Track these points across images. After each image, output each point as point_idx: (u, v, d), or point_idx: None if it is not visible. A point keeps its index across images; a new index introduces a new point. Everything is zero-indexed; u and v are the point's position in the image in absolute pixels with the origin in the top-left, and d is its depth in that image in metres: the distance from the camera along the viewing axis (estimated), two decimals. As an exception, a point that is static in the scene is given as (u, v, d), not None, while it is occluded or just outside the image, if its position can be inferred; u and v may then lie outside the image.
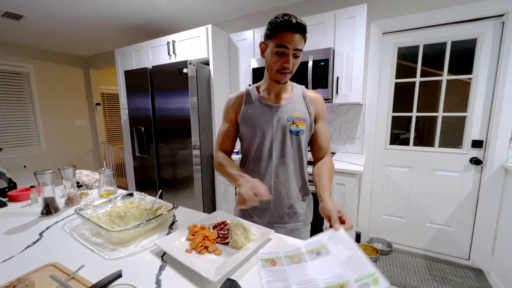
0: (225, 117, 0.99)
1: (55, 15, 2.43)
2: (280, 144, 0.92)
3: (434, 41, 1.87)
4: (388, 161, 2.15)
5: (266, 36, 0.84)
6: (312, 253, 0.63)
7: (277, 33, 0.79)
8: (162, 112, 2.23)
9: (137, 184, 2.63)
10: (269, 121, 0.91)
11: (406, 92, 2.03)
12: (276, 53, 0.81)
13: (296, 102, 0.94)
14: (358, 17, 1.74)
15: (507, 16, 1.61)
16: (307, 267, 0.59)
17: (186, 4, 2.29)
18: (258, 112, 0.93)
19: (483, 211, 1.82)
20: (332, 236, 0.65)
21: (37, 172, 0.93)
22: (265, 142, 0.92)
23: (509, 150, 1.68)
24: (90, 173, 1.37)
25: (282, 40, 0.79)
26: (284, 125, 0.91)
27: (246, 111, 0.94)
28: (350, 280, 0.50)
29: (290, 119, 0.91)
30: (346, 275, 0.52)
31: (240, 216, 0.99)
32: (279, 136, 0.91)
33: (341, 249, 0.59)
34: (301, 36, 0.80)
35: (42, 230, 0.85)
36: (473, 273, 1.81)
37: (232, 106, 0.97)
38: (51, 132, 3.82)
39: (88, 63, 4.17)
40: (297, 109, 0.93)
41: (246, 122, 0.94)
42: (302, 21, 0.79)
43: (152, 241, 0.77)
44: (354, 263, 0.54)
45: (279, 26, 0.78)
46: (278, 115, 0.91)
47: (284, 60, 0.82)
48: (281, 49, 0.80)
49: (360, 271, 0.51)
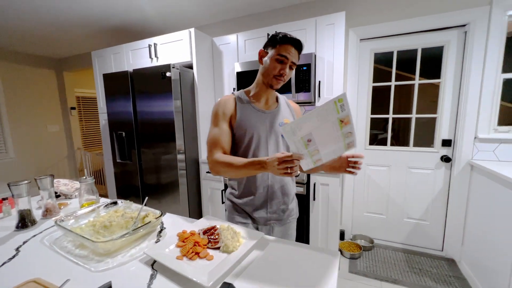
0: (219, 119, 0.96)
1: (25, 13, 2.28)
2: (274, 147, 0.98)
3: (407, 47, 2.01)
4: (368, 161, 2.26)
5: (268, 45, 0.93)
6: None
7: (281, 43, 0.89)
8: (145, 116, 2.17)
9: (119, 191, 2.52)
10: (263, 125, 0.96)
11: (383, 95, 2.15)
12: (276, 60, 0.90)
13: (283, 109, 1.03)
14: (337, 24, 1.83)
15: (469, 26, 1.77)
16: None
17: (168, 6, 2.26)
18: (253, 117, 0.96)
19: (453, 204, 1.97)
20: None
21: (11, 183, 0.88)
22: (261, 146, 0.96)
23: (474, 148, 1.84)
24: (68, 182, 1.30)
25: (285, 50, 0.88)
26: (276, 129, 0.98)
27: (242, 115, 0.95)
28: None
29: (281, 124, 0.99)
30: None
31: (236, 217, 1.00)
32: (273, 140, 0.98)
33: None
34: (297, 53, 0.91)
35: (18, 245, 0.80)
36: (446, 263, 1.94)
37: (226, 109, 0.96)
38: (20, 138, 3.56)
39: (62, 65, 3.95)
40: (285, 115, 1.02)
41: (242, 126, 0.95)
42: (301, 40, 0.92)
43: (140, 250, 0.75)
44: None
45: (283, 38, 0.89)
46: (270, 120, 0.98)
47: (282, 67, 0.90)
48: (282, 57, 0.89)
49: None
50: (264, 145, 0.96)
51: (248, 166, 0.81)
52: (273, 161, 0.73)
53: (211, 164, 0.92)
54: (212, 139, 0.95)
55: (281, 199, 1.01)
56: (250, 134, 0.94)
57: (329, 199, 1.76)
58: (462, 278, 1.77)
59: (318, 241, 1.84)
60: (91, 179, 1.07)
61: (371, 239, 2.25)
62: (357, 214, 2.37)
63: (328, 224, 1.80)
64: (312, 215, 1.83)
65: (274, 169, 0.73)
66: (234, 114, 0.96)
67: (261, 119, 0.97)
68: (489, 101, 1.77)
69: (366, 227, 2.35)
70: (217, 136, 0.94)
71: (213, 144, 0.94)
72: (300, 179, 1.77)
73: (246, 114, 0.96)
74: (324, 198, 1.78)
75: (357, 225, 2.38)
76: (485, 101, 1.77)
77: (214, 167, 0.91)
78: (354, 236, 2.32)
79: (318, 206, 1.80)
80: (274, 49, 0.90)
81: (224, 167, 0.87)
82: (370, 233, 2.32)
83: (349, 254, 2.03)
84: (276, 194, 1.00)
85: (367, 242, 2.26)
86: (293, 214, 1.07)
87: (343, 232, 2.36)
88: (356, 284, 1.75)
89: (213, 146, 0.94)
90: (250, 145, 0.95)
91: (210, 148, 0.94)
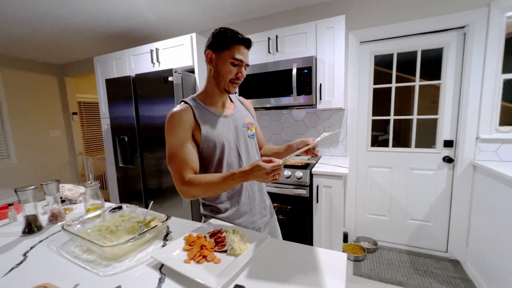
0: (180, 136, 0.83)
1: (27, 20, 2.31)
2: (245, 149, 0.96)
3: (406, 49, 2.03)
4: (370, 163, 2.26)
5: (216, 46, 0.85)
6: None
7: (233, 45, 0.83)
8: (147, 120, 2.18)
9: (121, 196, 2.53)
10: (229, 131, 0.92)
11: (384, 97, 2.16)
12: (231, 63, 0.84)
13: (240, 109, 1.00)
14: (337, 27, 1.84)
15: (468, 28, 1.79)
16: None
17: (170, 13, 2.28)
18: (218, 125, 0.90)
19: (456, 205, 1.96)
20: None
21: (18, 188, 0.88)
22: (233, 153, 0.92)
23: (476, 149, 1.85)
24: (73, 187, 1.31)
25: (239, 53, 0.84)
26: (242, 131, 0.96)
27: (206, 126, 0.87)
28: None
29: (244, 126, 0.97)
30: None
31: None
32: (242, 143, 0.95)
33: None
34: (248, 53, 0.88)
35: (25, 250, 0.80)
36: (451, 265, 1.93)
37: (185, 123, 0.84)
38: (23, 144, 3.57)
39: (63, 70, 3.98)
40: (245, 115, 1.00)
41: (211, 138, 0.87)
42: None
43: (147, 254, 0.75)
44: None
45: (234, 39, 0.83)
46: (233, 124, 0.94)
47: (239, 71, 0.87)
48: (237, 61, 0.84)
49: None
50: (234, 152, 0.92)
51: (229, 181, 0.78)
52: (259, 171, 0.72)
53: (184, 188, 0.82)
54: (177, 160, 0.82)
55: (260, 198, 1.00)
56: (221, 145, 0.88)
57: (332, 201, 1.76)
58: (468, 280, 1.76)
59: (322, 243, 1.83)
60: (96, 183, 1.07)
61: (375, 241, 2.24)
62: (360, 216, 2.36)
63: (331, 226, 1.79)
64: (316, 217, 1.82)
65: (261, 178, 0.73)
66: (196, 127, 0.86)
67: (226, 125, 0.91)
68: (490, 101, 1.77)
69: (370, 229, 2.34)
70: (182, 155, 0.83)
71: (181, 166, 0.82)
72: (303, 182, 1.77)
73: (211, 124, 0.88)
74: (327, 200, 1.78)
75: (360, 227, 2.37)
76: (486, 102, 1.78)
77: (189, 191, 0.82)
78: (357, 238, 2.32)
79: (321, 209, 1.80)
80: (226, 51, 0.83)
81: (202, 188, 0.81)
82: (373, 235, 2.31)
83: (353, 257, 2.02)
84: (256, 195, 0.99)
85: (370, 244, 2.25)
86: (271, 210, 1.07)
87: (347, 234, 2.35)
88: (360, 286, 1.74)
89: (181, 168, 0.82)
90: (223, 156, 0.89)
91: (177, 170, 0.82)
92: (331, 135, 0.91)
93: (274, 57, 2.06)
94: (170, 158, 0.84)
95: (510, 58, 1.75)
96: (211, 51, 0.87)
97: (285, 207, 1.87)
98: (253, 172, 0.74)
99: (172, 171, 0.84)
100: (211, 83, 0.91)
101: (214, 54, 0.86)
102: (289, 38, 2.00)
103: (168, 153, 0.85)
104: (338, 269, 0.65)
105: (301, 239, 1.84)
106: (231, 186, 0.82)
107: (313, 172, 1.77)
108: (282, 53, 2.03)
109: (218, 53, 0.85)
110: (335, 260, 0.69)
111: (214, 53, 0.86)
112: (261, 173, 0.73)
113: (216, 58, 0.86)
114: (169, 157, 0.84)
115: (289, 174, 1.81)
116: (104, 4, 2.05)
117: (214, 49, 0.86)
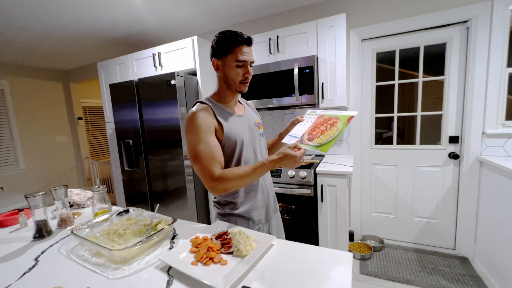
0: (204, 133, 0.85)
1: (33, 30, 2.35)
2: (259, 146, 1.01)
3: (409, 46, 2.01)
4: (375, 160, 2.25)
5: (219, 53, 0.89)
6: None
7: (233, 48, 0.86)
8: (151, 123, 2.20)
9: (127, 199, 2.56)
10: (245, 130, 0.97)
11: (387, 94, 2.15)
12: (236, 66, 0.88)
13: (249, 109, 1.06)
14: (338, 26, 1.84)
15: (471, 22, 1.77)
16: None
17: (171, 16, 2.30)
18: (236, 124, 0.94)
19: (463, 201, 1.94)
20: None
21: (28, 194, 0.90)
22: (250, 149, 0.97)
23: (482, 144, 1.82)
24: (80, 192, 1.33)
25: (241, 54, 0.87)
26: (255, 130, 1.01)
27: (227, 125, 0.91)
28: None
29: (256, 125, 1.03)
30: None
31: (244, 220, 1.00)
32: (256, 141, 1.00)
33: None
34: (251, 50, 0.91)
35: (37, 255, 0.82)
36: (459, 262, 1.91)
37: (208, 121, 0.87)
38: (30, 150, 3.64)
39: (68, 76, 4.05)
40: (254, 115, 1.06)
41: (232, 136, 0.90)
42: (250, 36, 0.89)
43: (155, 256, 0.76)
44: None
45: (233, 42, 0.86)
46: (247, 123, 1.00)
47: (245, 71, 0.90)
48: (241, 62, 0.87)
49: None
50: (251, 149, 0.97)
51: (259, 171, 0.83)
52: (291, 158, 0.80)
53: (215, 183, 0.83)
54: (204, 157, 0.84)
55: (272, 193, 1.07)
56: (240, 142, 0.92)
57: (337, 200, 1.76)
58: (477, 277, 1.74)
59: (328, 242, 1.83)
60: (103, 188, 1.09)
61: (381, 239, 2.23)
62: (366, 215, 2.35)
63: (337, 225, 1.79)
64: (321, 217, 1.82)
65: (291, 164, 0.81)
66: (218, 126, 0.89)
67: (242, 124, 0.97)
68: (495, 96, 1.75)
69: (375, 227, 2.33)
70: (209, 152, 0.85)
71: (209, 162, 0.84)
72: (308, 181, 1.77)
73: (230, 123, 0.92)
74: (332, 199, 1.78)
75: (366, 225, 2.36)
76: (491, 96, 1.76)
77: (221, 185, 0.84)
78: (363, 237, 2.30)
79: (326, 208, 1.80)
80: (230, 56, 0.87)
81: (235, 181, 0.83)
82: (379, 233, 2.30)
83: (360, 255, 2.02)
84: (269, 190, 1.05)
85: (377, 242, 2.24)
86: (277, 203, 1.13)
87: (352, 233, 2.34)
88: (368, 285, 1.74)
89: (209, 165, 0.84)
90: (242, 153, 0.93)
91: (206, 167, 0.84)
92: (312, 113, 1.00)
93: (276, 57, 2.06)
94: (195, 157, 0.85)
95: (515, 52, 1.72)
96: (216, 59, 0.91)
97: (290, 207, 1.87)
98: (282, 161, 0.81)
99: (200, 169, 0.85)
100: (223, 87, 0.95)
101: (219, 61, 0.90)
102: (290, 38, 2.00)
103: (192, 152, 0.86)
104: (344, 269, 0.66)
105: (306, 239, 1.84)
106: (260, 176, 0.87)
107: (317, 172, 1.77)
108: (283, 53, 2.03)
109: (222, 59, 0.89)
110: (341, 260, 0.70)
111: (219, 60, 0.90)
112: (291, 161, 0.80)
113: (221, 64, 0.90)
114: (194, 156, 0.85)
115: (293, 174, 1.82)
116: (106, 11, 2.08)
117: (218, 56, 0.90)
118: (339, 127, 0.88)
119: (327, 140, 0.85)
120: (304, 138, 0.93)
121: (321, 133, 0.90)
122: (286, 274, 0.65)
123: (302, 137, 0.94)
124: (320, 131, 0.90)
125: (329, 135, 0.87)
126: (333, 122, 0.90)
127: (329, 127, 0.90)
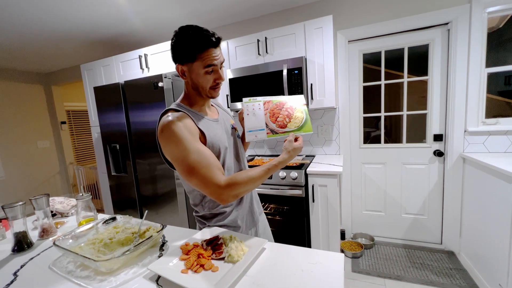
0: (191, 141, 0.76)
1: (9, 30, 2.24)
2: (240, 150, 0.99)
3: (394, 47, 2.06)
4: (364, 159, 2.29)
5: (183, 59, 0.77)
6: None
7: (200, 53, 0.75)
8: (138, 127, 2.15)
9: (115, 205, 2.48)
10: (223, 134, 0.90)
11: (374, 94, 2.20)
12: (206, 73, 0.78)
13: (221, 111, 0.99)
14: (325, 28, 1.86)
15: (451, 24, 1.84)
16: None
17: (157, 17, 2.26)
18: (215, 129, 0.87)
19: (449, 197, 2.01)
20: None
21: (5, 205, 0.85)
22: (231, 155, 0.93)
23: (465, 141, 1.89)
24: (64, 200, 1.28)
25: (209, 59, 0.76)
26: (232, 133, 0.97)
27: (208, 132, 0.82)
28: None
29: (232, 127, 0.98)
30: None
31: (237, 223, 0.97)
32: (235, 144, 0.97)
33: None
34: (220, 49, 0.79)
35: (16, 269, 0.77)
36: (446, 256, 1.97)
37: (190, 129, 0.78)
38: (10, 157, 3.47)
39: (50, 79, 3.89)
40: (227, 117, 1.01)
41: (214, 143, 0.83)
42: (217, 33, 0.77)
43: (143, 265, 0.74)
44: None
45: (198, 47, 0.74)
46: (224, 126, 0.93)
47: (216, 76, 0.80)
48: (210, 68, 0.77)
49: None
50: (230, 154, 0.91)
51: (271, 172, 0.81)
52: (299, 150, 0.84)
53: (225, 192, 0.74)
54: (202, 168, 0.73)
55: (255, 196, 1.04)
56: (224, 149, 0.86)
57: (328, 200, 1.78)
58: (463, 270, 1.80)
59: (320, 242, 1.85)
60: (87, 195, 1.05)
61: (372, 236, 2.27)
62: (356, 213, 2.38)
63: (328, 224, 1.81)
64: (312, 217, 1.83)
65: (295, 155, 0.84)
66: (201, 133, 0.81)
67: (220, 129, 0.89)
68: (475, 95, 1.82)
69: (366, 225, 2.37)
70: (206, 161, 0.75)
71: (210, 172, 0.74)
72: (299, 182, 1.78)
73: (211, 130, 0.84)
74: (323, 199, 1.79)
75: (356, 223, 2.40)
76: (472, 95, 1.83)
77: (231, 192, 0.74)
78: (354, 235, 2.34)
79: (317, 208, 1.81)
80: (197, 62, 0.76)
81: (247, 185, 0.76)
82: (370, 231, 2.34)
83: (351, 254, 2.04)
84: (253, 193, 1.02)
85: (367, 240, 2.27)
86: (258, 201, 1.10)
87: (344, 231, 2.37)
88: (360, 283, 1.76)
89: (212, 175, 0.74)
90: (225, 160, 0.87)
91: (208, 178, 0.73)
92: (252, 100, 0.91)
93: (264, 58, 2.06)
94: (190, 170, 0.73)
95: (493, 52, 1.80)
96: (179, 65, 0.80)
97: (281, 208, 1.87)
98: (293, 157, 0.84)
99: (201, 182, 0.74)
100: (193, 93, 0.85)
101: (184, 67, 0.79)
102: (278, 40, 2.00)
103: (183, 166, 0.74)
104: (336, 270, 0.66)
105: (298, 239, 1.85)
106: (268, 176, 0.84)
107: (308, 172, 1.78)
108: (272, 55, 2.04)
109: (188, 65, 0.78)
110: (333, 261, 0.70)
111: (183, 65, 0.79)
112: (299, 152, 0.84)
113: (187, 70, 0.79)
114: (188, 170, 0.74)
115: (284, 175, 1.82)
116: (88, 11, 2.01)
117: (182, 62, 0.79)
118: (301, 108, 0.90)
119: (303, 120, 0.86)
120: (274, 128, 0.88)
121: (288, 118, 0.89)
122: (279, 279, 0.64)
123: (270, 128, 0.87)
124: (284, 116, 0.89)
125: (300, 117, 0.89)
126: (290, 106, 0.91)
127: (292, 110, 0.90)
